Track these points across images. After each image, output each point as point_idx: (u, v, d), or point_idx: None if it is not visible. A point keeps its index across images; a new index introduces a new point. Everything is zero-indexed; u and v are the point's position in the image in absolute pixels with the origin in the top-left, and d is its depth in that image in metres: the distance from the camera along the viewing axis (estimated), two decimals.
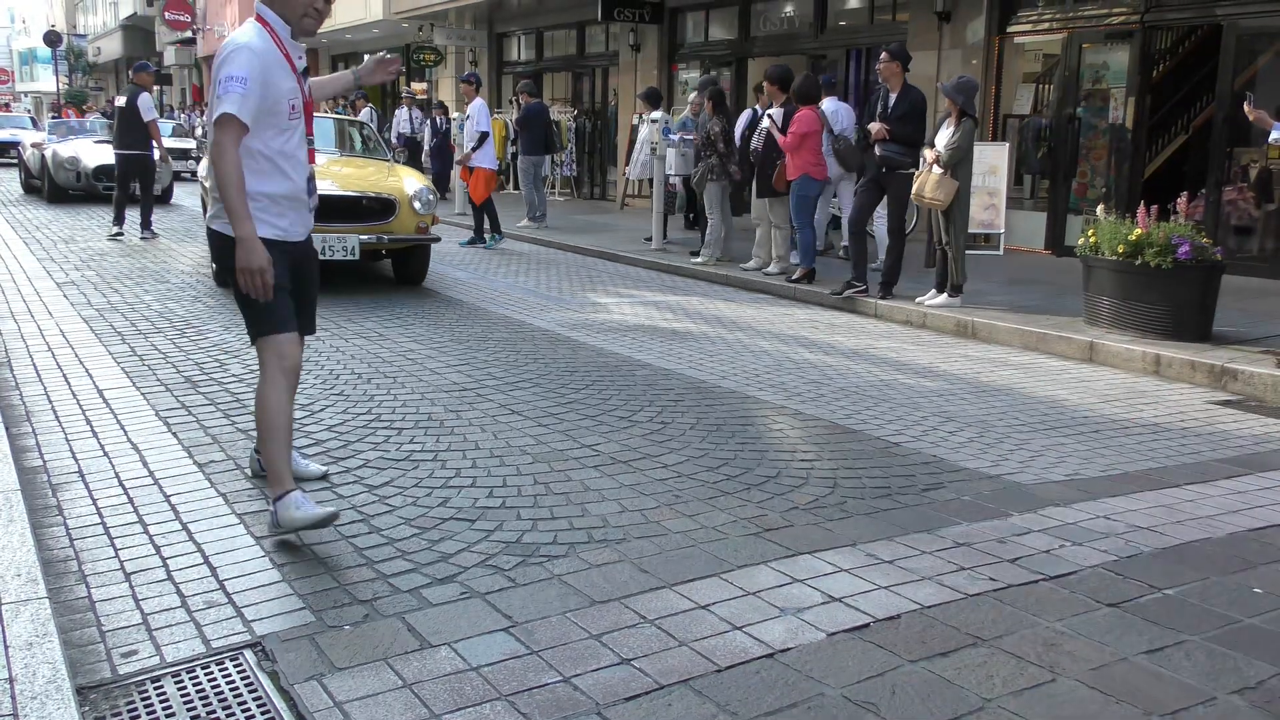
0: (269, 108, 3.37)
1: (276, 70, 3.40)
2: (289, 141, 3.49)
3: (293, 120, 3.47)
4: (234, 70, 3.31)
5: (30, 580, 2.84)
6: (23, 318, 7.20)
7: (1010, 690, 2.59)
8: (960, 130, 7.81)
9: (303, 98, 3.53)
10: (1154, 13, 10.38)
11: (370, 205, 8.58)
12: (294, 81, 3.48)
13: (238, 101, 3.28)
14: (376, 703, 2.48)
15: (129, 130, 11.99)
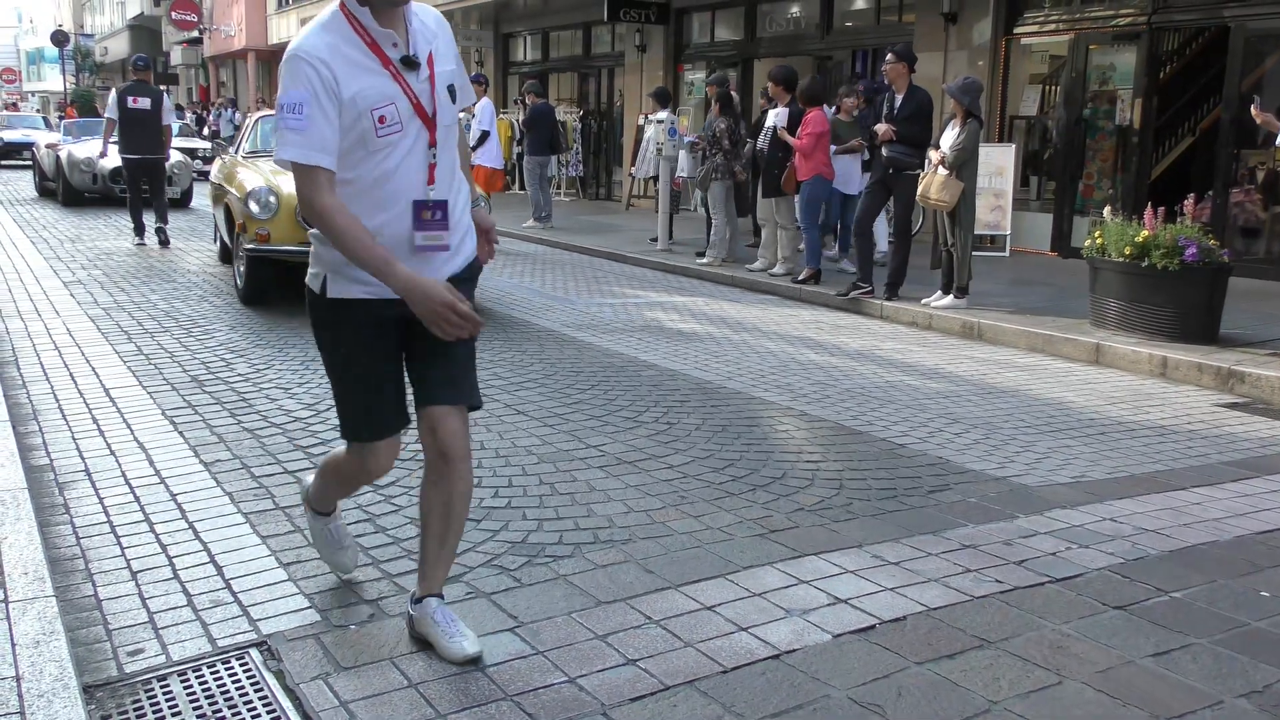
0: (349, 125, 2.46)
1: (352, 73, 2.46)
2: (383, 163, 2.52)
3: (386, 135, 2.50)
4: (285, 96, 2.44)
5: (37, 578, 2.85)
6: (29, 316, 7.22)
7: (1016, 693, 2.59)
8: (966, 131, 7.80)
9: (409, 99, 2.53)
10: (1161, 14, 10.36)
11: None
12: (385, 81, 2.50)
13: (298, 143, 2.40)
14: (382, 702, 2.49)
15: (146, 133, 11.28)
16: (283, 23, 30.22)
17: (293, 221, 7.23)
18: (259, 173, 7.99)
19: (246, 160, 8.92)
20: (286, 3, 30.03)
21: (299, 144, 2.41)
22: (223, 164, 9.57)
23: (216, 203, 9.37)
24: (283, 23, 30.22)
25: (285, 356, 6.20)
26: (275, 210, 7.42)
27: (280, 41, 30.66)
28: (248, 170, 8.27)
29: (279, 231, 7.42)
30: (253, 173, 8.06)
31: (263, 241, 7.40)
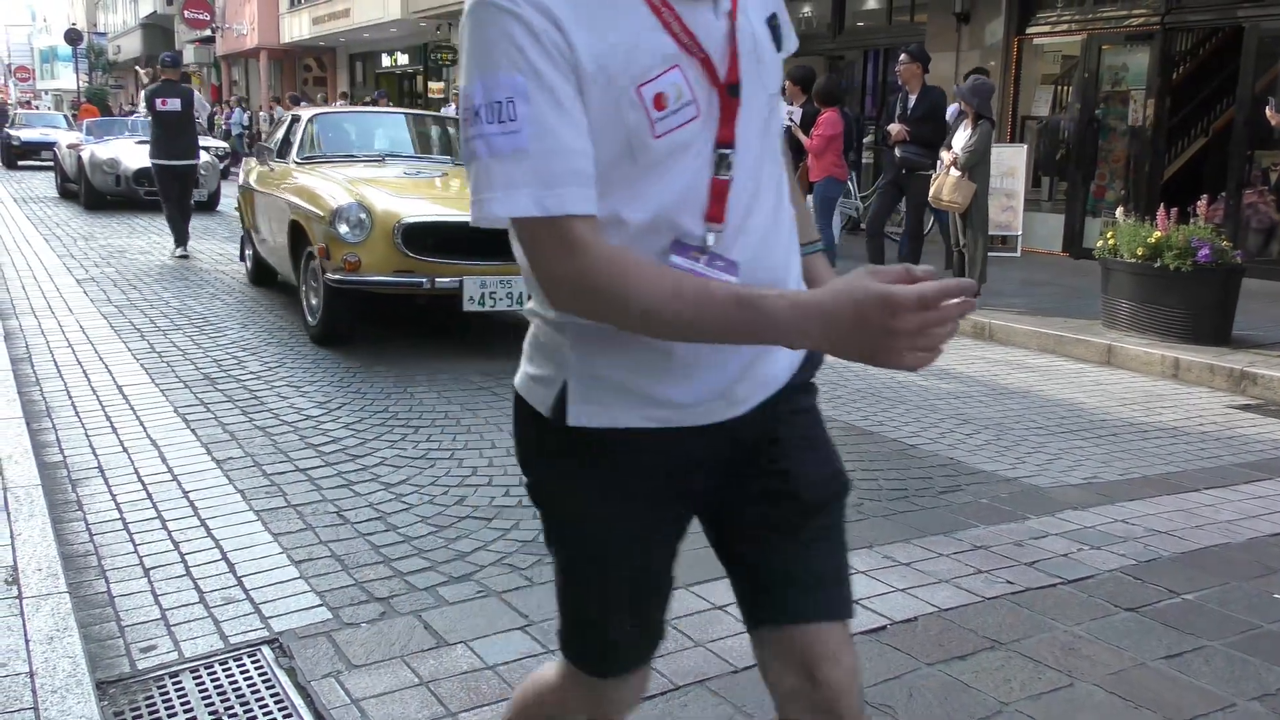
0: (603, 120, 1.26)
1: (594, 17, 1.25)
2: (669, 186, 1.32)
3: (672, 131, 1.29)
4: (478, 85, 1.25)
5: (51, 575, 2.86)
6: (43, 314, 7.25)
7: (1028, 694, 2.58)
8: (977, 132, 7.79)
9: (697, 59, 1.30)
10: (1174, 14, 10.32)
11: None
12: (654, 27, 1.28)
13: (523, 179, 1.23)
14: (393, 700, 2.49)
15: (184, 135, 10.36)
16: (294, 21, 30.30)
17: (389, 245, 5.92)
18: (337, 184, 6.49)
19: (307, 167, 7.40)
20: (299, 2, 30.10)
21: (526, 179, 1.23)
22: (269, 172, 7.87)
23: (259, 216, 7.92)
24: (294, 21, 30.30)
25: (297, 354, 6.22)
26: (368, 231, 5.94)
27: (292, 41, 30.76)
28: (321, 181, 6.72)
29: (372, 257, 5.95)
30: (330, 184, 6.51)
31: (351, 270, 5.91)
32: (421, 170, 7.48)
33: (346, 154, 7.85)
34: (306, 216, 6.41)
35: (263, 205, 7.73)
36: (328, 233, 6.03)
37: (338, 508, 3.74)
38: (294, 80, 33.35)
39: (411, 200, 6.34)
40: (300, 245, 6.67)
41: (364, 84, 29.94)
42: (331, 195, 6.23)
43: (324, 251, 6.08)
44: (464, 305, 5.89)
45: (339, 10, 26.50)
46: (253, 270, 8.79)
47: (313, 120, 8.19)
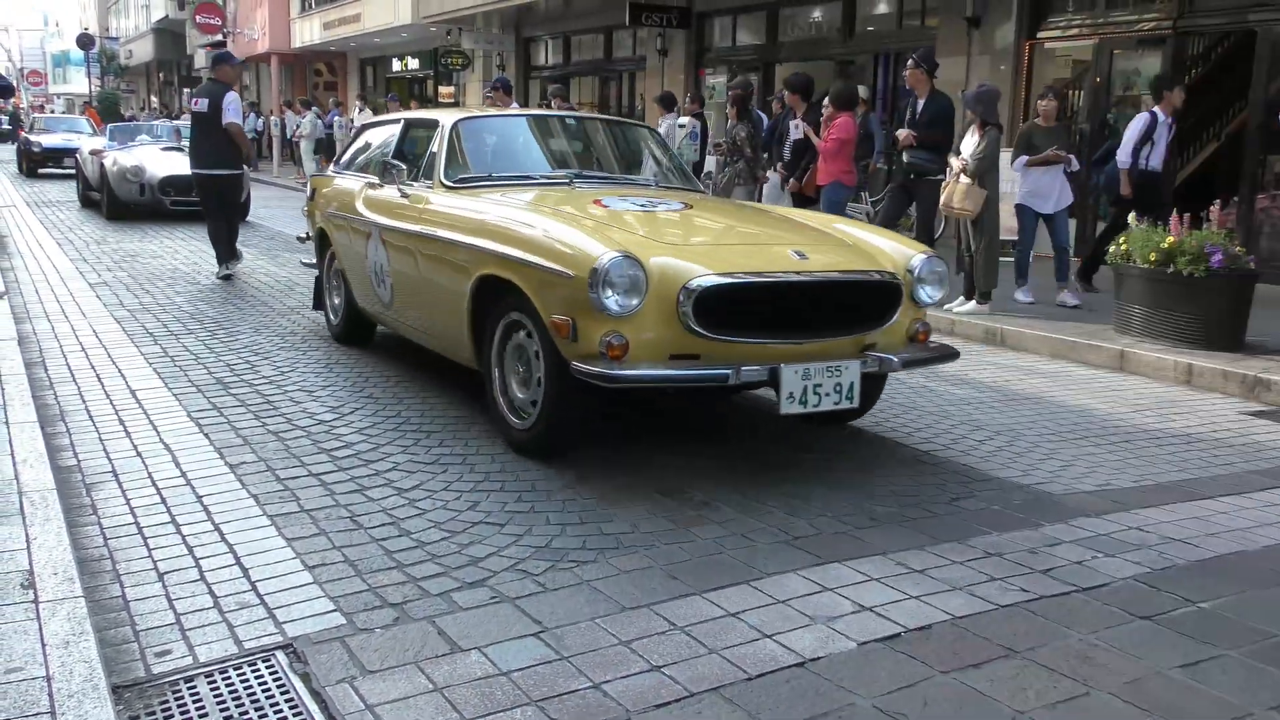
0: None
1: None
2: None
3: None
4: None
5: (66, 579, 2.87)
6: (56, 318, 7.28)
7: (1043, 703, 2.57)
8: (986, 139, 7.78)
9: None
10: (1186, 18, 10.29)
11: (862, 294, 4.38)
12: None
13: None
14: (407, 706, 2.50)
15: (211, 140, 9.03)
16: (305, 26, 30.40)
17: (669, 319, 3.98)
18: (574, 225, 4.34)
19: (468, 193, 5.18)
20: (310, 6, 30.20)
21: None
22: (399, 199, 5.48)
23: (380, 258, 5.65)
24: (305, 26, 30.40)
25: (309, 359, 6.23)
26: (643, 298, 3.95)
27: (302, 45, 30.86)
28: (533, 216, 4.57)
29: (644, 337, 3.99)
30: (561, 224, 4.36)
31: (616, 357, 3.92)
32: (651, 201, 5.14)
33: (519, 174, 5.52)
34: (525, 272, 4.26)
35: (400, 246, 5.40)
36: (575, 300, 3.98)
37: (351, 512, 3.75)
38: (305, 85, 33.46)
39: (691, 251, 4.27)
40: (494, 311, 4.60)
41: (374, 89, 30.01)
42: (578, 243, 4.10)
43: (565, 328, 4.03)
44: (782, 407, 4.01)
45: (350, 15, 26.57)
46: (343, 325, 6.63)
47: (458, 128, 5.64)
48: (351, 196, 6.16)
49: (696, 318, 3.95)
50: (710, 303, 3.97)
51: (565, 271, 4.03)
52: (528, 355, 4.42)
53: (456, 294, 4.77)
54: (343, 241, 6.35)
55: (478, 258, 4.58)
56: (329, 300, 6.92)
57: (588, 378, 3.95)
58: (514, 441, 4.53)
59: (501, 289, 4.47)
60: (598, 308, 3.91)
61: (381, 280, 5.69)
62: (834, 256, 4.43)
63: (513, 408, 4.57)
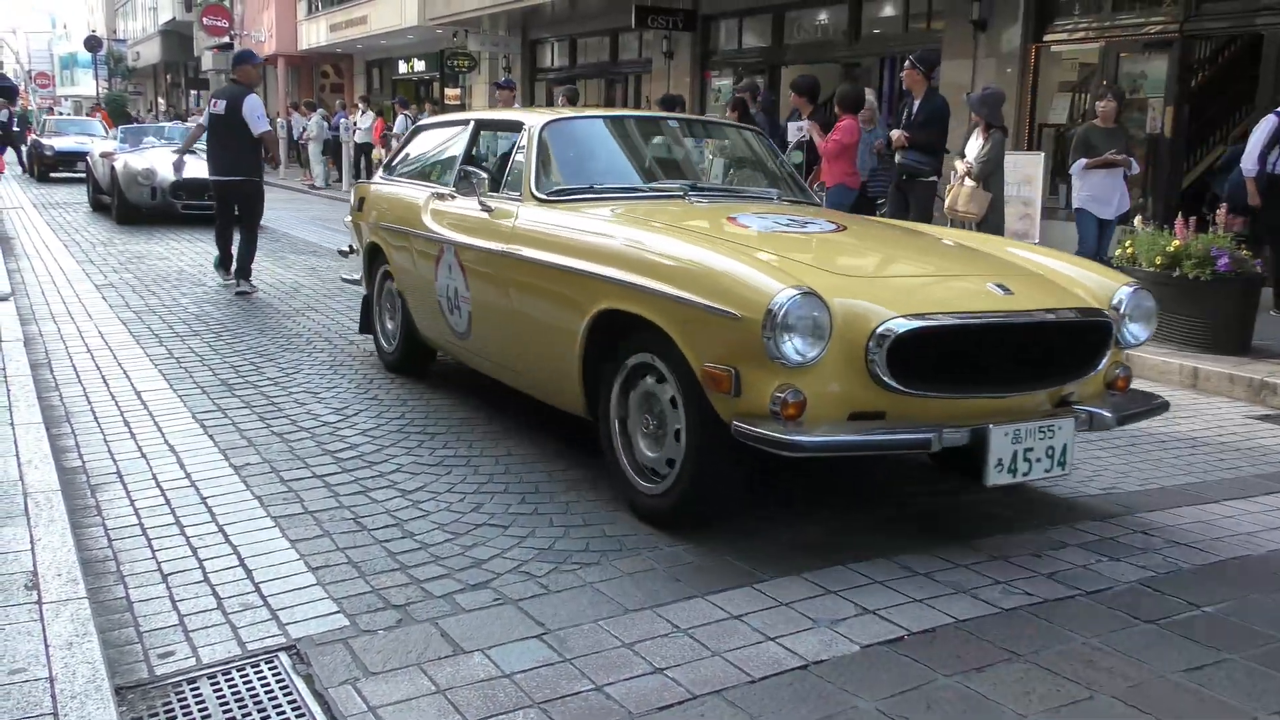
0: None
1: None
2: None
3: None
4: None
5: (70, 580, 2.88)
6: (62, 319, 7.30)
7: (1047, 707, 2.57)
8: (991, 142, 7.77)
9: None
10: (1193, 22, 10.27)
11: (1072, 336, 3.72)
12: None
13: None
14: (410, 708, 2.50)
15: (230, 146, 8.52)
16: (313, 28, 30.46)
17: (854, 371, 3.28)
18: (727, 250, 3.61)
19: (571, 208, 4.42)
20: (316, 9, 30.27)
21: None
22: (481, 215, 4.73)
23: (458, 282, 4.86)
24: (313, 28, 30.46)
25: (314, 361, 6.24)
26: (825, 345, 3.24)
27: (309, 47, 30.93)
28: (669, 241, 3.79)
29: (824, 393, 3.29)
30: (708, 249, 3.62)
31: (792, 417, 3.22)
32: (794, 220, 4.36)
33: (623, 186, 4.76)
34: (666, 309, 3.51)
35: (482, 269, 4.65)
36: (740, 346, 3.26)
37: (355, 514, 3.75)
38: (311, 87, 33.53)
39: (875, 287, 3.57)
40: (614, 351, 3.86)
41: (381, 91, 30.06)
42: (744, 275, 3.36)
43: (725, 380, 3.29)
44: (989, 477, 3.35)
45: (356, 17, 26.62)
46: (399, 354, 5.88)
47: (548, 131, 4.81)
48: (414, 209, 5.38)
49: (889, 368, 3.26)
50: (905, 350, 3.26)
51: (728, 311, 3.27)
52: (660, 405, 3.68)
53: (564, 330, 4.02)
54: (402, 260, 5.57)
55: (596, 288, 3.84)
56: (379, 324, 6.12)
57: (758, 444, 3.24)
58: (642, 508, 3.77)
59: (627, 326, 3.75)
60: (772, 356, 3.18)
61: (455, 307, 4.92)
62: (1039, 291, 3.71)
63: (638, 467, 3.82)
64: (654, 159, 5.31)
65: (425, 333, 5.51)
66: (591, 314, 3.84)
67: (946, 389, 3.41)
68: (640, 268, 3.66)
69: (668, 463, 3.67)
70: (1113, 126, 8.47)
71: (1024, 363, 3.57)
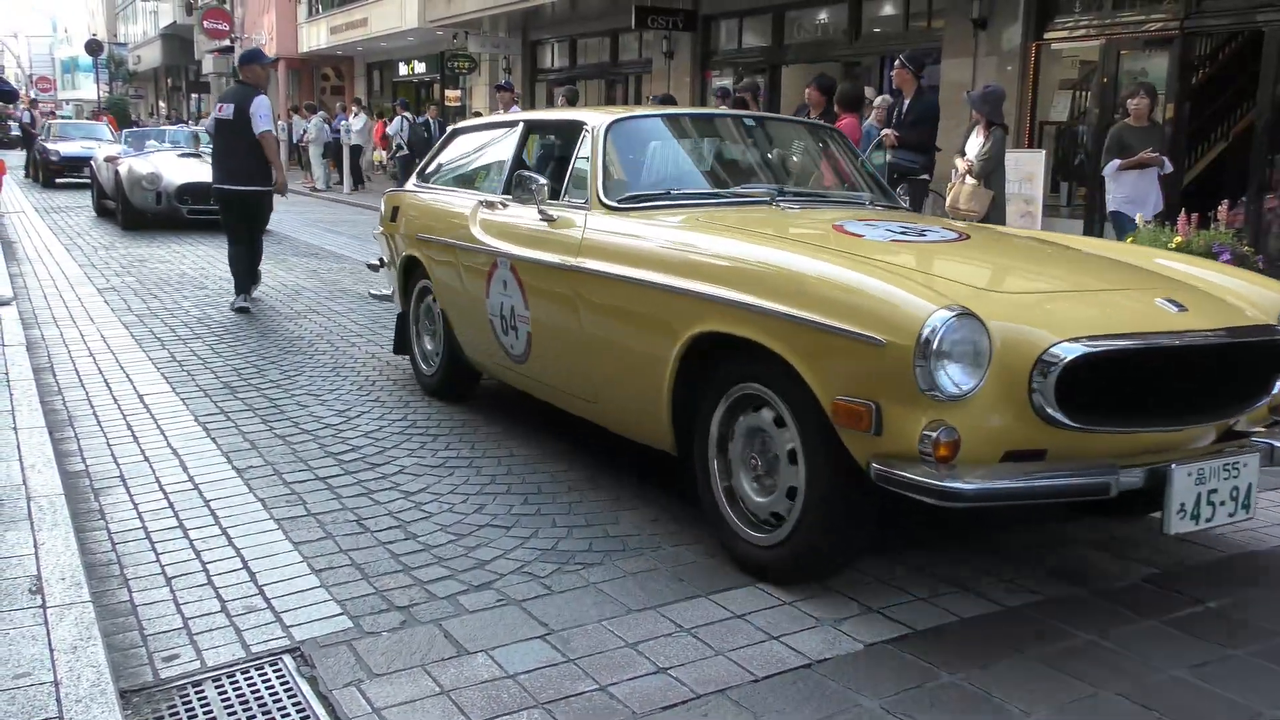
0: None
1: None
2: None
3: None
4: None
5: (74, 584, 2.88)
6: (64, 323, 7.31)
7: (1051, 704, 2.56)
8: (991, 140, 7.76)
9: None
10: (1193, 19, 10.26)
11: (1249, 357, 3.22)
12: None
13: None
14: (414, 709, 2.50)
15: (236, 152, 7.77)
16: (313, 31, 30.48)
17: (1014, 403, 2.84)
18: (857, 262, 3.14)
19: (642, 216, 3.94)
20: (317, 12, 30.30)
21: None
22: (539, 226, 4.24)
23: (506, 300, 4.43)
24: (313, 31, 30.48)
25: (316, 363, 6.24)
26: (985, 372, 2.80)
27: (310, 50, 30.96)
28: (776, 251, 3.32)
29: (980, 429, 2.84)
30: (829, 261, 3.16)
31: (945, 459, 2.78)
32: (908, 228, 3.87)
33: (704, 191, 4.34)
34: (785, 332, 3.03)
35: (543, 286, 4.19)
36: (882, 376, 2.83)
37: (358, 516, 3.75)
38: (312, 90, 33.55)
39: (1030, 305, 3.09)
40: (711, 380, 3.41)
41: (381, 93, 30.09)
42: (885, 293, 2.89)
43: (863, 416, 2.85)
44: (1170, 524, 2.91)
45: (356, 20, 26.64)
46: (441, 377, 5.38)
47: (614, 132, 4.32)
48: (460, 219, 4.86)
49: (1058, 399, 2.80)
50: (1073, 379, 2.80)
51: (870, 336, 2.80)
52: (771, 444, 3.24)
53: (649, 355, 3.55)
54: (446, 276, 5.04)
55: (692, 308, 3.35)
56: (417, 344, 5.65)
57: (905, 490, 2.78)
58: (748, 560, 3.31)
59: (728, 351, 3.31)
60: (923, 388, 2.73)
61: (511, 327, 4.44)
62: (1212, 307, 3.22)
63: (742, 513, 3.37)
64: (731, 161, 4.80)
65: (472, 355, 5.03)
66: (686, 338, 3.37)
67: (1117, 422, 2.95)
68: (751, 284, 3.17)
69: (779, 510, 3.22)
70: (1147, 125, 8.23)
71: (1196, 390, 3.08)
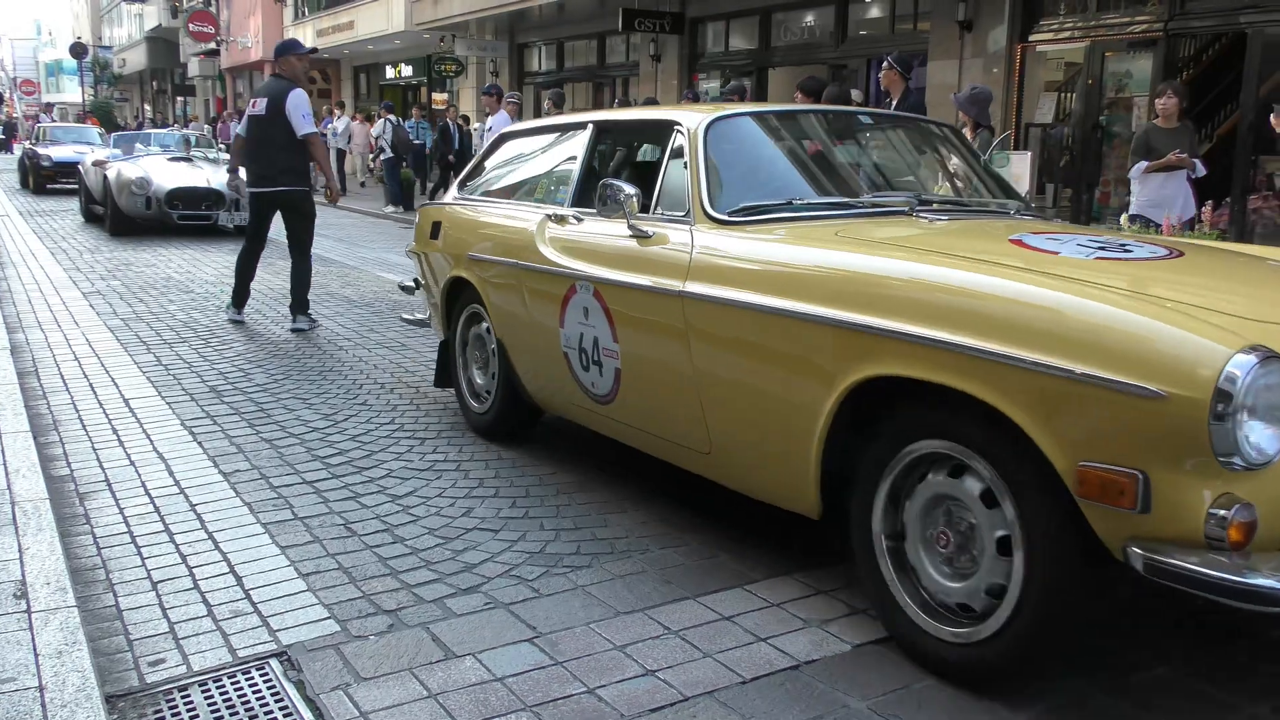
0: None
1: None
2: None
3: None
4: None
5: (59, 589, 2.87)
6: (49, 327, 7.27)
7: (1042, 705, 2.57)
8: (977, 141, 7.78)
9: None
10: (1177, 20, 10.32)
11: None
12: None
13: None
14: (402, 713, 2.49)
15: (271, 151, 7.12)
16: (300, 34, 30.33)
17: None
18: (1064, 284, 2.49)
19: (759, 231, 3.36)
20: (303, 14, 30.23)
21: None
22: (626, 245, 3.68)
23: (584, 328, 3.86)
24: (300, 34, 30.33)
25: (303, 367, 6.22)
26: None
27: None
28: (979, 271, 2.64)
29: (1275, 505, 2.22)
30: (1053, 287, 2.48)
31: (1239, 544, 2.16)
32: (1102, 242, 3.18)
33: (831, 202, 3.67)
34: (1001, 377, 2.43)
35: (639, 315, 3.59)
36: (1156, 436, 2.23)
37: (345, 520, 3.74)
38: None
39: None
40: (878, 435, 2.83)
41: (368, 96, 30.02)
42: (1160, 331, 2.25)
43: (1125, 488, 2.28)
44: None
45: (343, 23, 26.60)
46: (496, 414, 4.73)
47: (713, 133, 3.68)
48: (524, 235, 4.27)
49: None
50: None
51: (1141, 387, 2.19)
52: (962, 513, 2.66)
53: (791, 402, 2.97)
54: (506, 300, 4.43)
55: (857, 345, 2.74)
56: (463, 376, 5.02)
57: (1191, 587, 2.21)
58: (924, 654, 2.74)
59: (906, 397, 2.72)
60: (1220, 453, 2.15)
61: (593, 362, 3.84)
62: None
63: (924, 600, 2.76)
64: (852, 165, 4.24)
65: (538, 392, 4.42)
66: (849, 383, 2.76)
67: None
68: (953, 318, 2.52)
69: (973, 605, 2.64)
70: (1176, 126, 7.79)
71: None
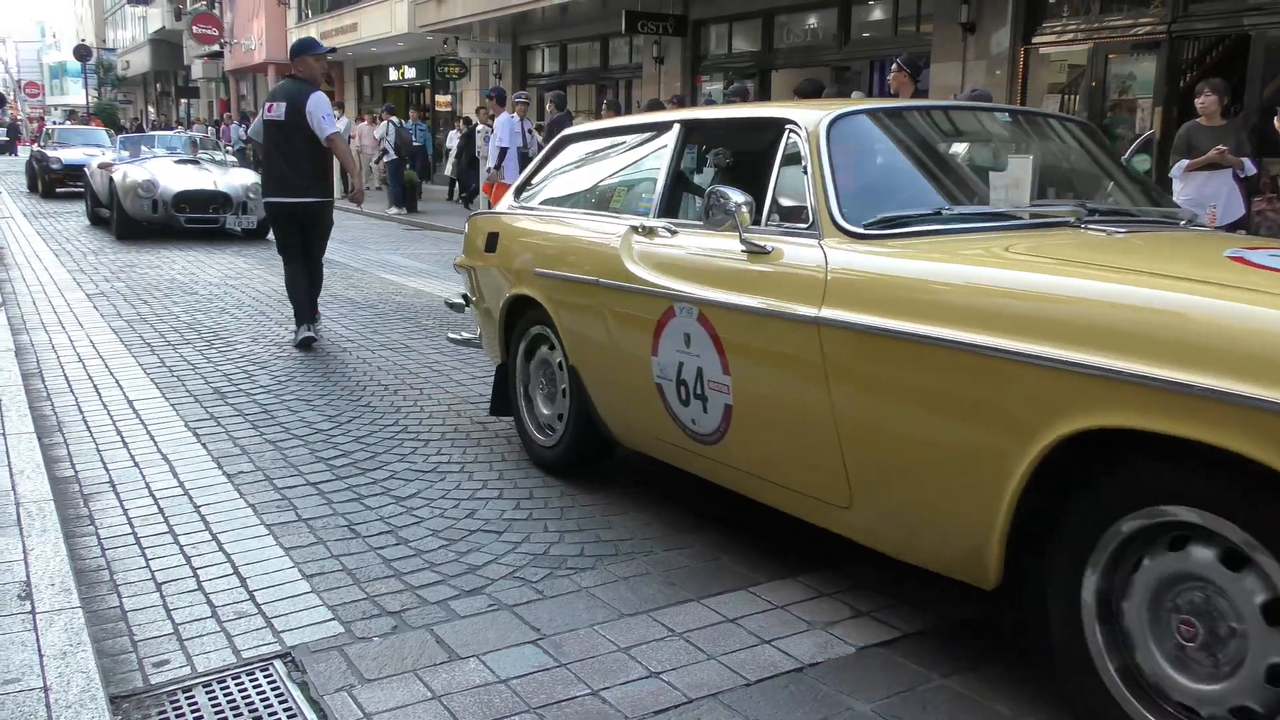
0: None
1: None
2: None
3: None
4: None
5: (64, 590, 2.87)
6: (54, 329, 7.28)
7: (1043, 706, 2.57)
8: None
9: None
10: (1181, 22, 10.32)
11: None
12: None
13: None
14: (406, 714, 2.49)
15: (291, 158, 6.63)
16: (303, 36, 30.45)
17: None
18: None
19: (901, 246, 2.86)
20: (307, 16, 30.26)
21: None
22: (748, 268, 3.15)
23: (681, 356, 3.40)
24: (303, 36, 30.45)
25: (307, 369, 6.23)
26: None
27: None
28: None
29: None
30: None
31: None
32: None
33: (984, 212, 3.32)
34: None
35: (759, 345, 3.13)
36: None
37: (348, 521, 3.75)
38: None
39: None
40: (1084, 497, 2.31)
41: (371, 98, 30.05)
42: None
43: None
44: None
45: (347, 25, 26.63)
46: (568, 448, 4.23)
47: (835, 133, 3.19)
48: (603, 249, 3.82)
49: None
50: None
51: None
52: (1208, 595, 2.14)
53: (974, 455, 2.47)
54: (583, 323, 3.97)
55: (1069, 390, 2.22)
56: (526, 405, 4.54)
57: None
58: None
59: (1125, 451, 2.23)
60: None
61: (696, 396, 3.37)
62: None
63: (1152, 701, 2.24)
64: (996, 170, 3.87)
65: (619, 427, 3.96)
66: (1058, 435, 2.25)
67: None
68: (1203, 358, 2.00)
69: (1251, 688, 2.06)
70: (1220, 124, 7.42)
71: None
